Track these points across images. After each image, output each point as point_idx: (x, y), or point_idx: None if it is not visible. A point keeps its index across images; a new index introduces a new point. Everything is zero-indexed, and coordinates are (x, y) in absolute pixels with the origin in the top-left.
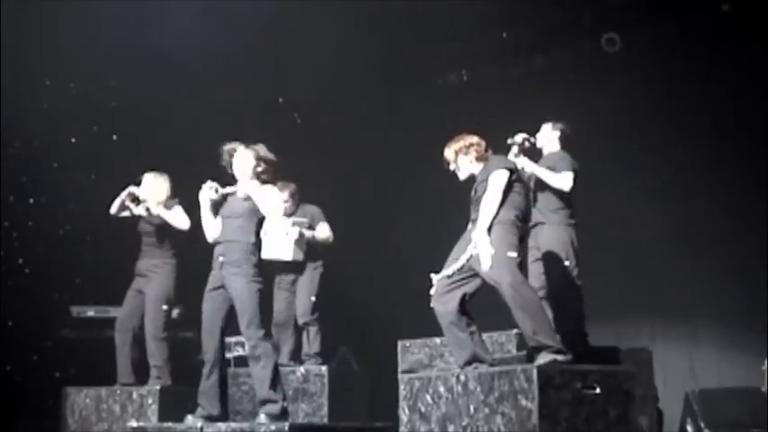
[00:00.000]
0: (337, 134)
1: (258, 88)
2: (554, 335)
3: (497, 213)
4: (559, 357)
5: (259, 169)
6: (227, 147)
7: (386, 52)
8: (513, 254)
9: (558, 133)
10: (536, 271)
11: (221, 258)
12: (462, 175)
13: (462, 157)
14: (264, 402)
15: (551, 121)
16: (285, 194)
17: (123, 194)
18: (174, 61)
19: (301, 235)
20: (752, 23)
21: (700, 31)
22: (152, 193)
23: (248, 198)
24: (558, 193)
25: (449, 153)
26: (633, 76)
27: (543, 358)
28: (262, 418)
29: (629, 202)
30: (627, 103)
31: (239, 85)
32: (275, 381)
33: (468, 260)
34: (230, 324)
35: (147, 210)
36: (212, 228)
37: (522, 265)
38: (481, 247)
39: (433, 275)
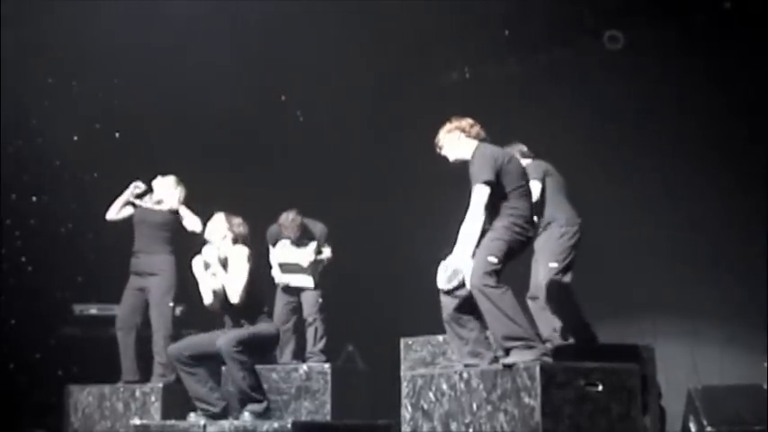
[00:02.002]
0: (338, 132)
1: (260, 86)
2: (525, 329)
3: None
4: (532, 353)
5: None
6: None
7: (388, 50)
8: (493, 259)
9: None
10: (533, 271)
11: None
12: (451, 158)
13: (452, 139)
14: (246, 402)
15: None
16: (293, 228)
17: (128, 192)
18: (177, 59)
19: (317, 263)
20: (754, 20)
21: (702, 29)
22: (167, 196)
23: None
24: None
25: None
26: (635, 74)
27: (516, 355)
28: (246, 416)
29: (630, 201)
30: (629, 101)
31: (241, 82)
32: (257, 380)
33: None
34: None
35: (160, 202)
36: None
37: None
38: (464, 270)
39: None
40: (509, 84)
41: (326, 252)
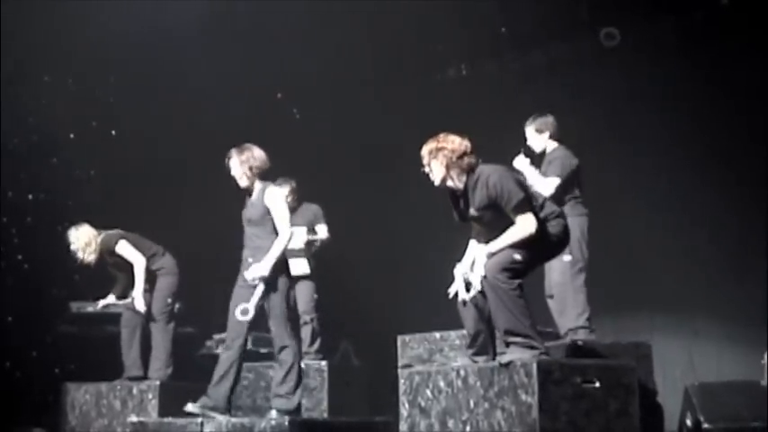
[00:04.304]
0: (336, 130)
1: (257, 84)
2: (527, 328)
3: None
4: (530, 353)
5: (252, 170)
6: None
7: (384, 47)
8: (518, 257)
9: (547, 133)
10: (547, 268)
11: (250, 260)
12: (437, 182)
13: (452, 167)
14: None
15: (533, 122)
16: (285, 190)
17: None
18: (173, 57)
19: (310, 244)
20: (752, 17)
21: (699, 26)
22: (85, 246)
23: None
24: (564, 184)
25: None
26: (632, 71)
27: (514, 353)
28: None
29: (628, 198)
30: (626, 98)
31: (238, 80)
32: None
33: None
34: None
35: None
36: None
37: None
38: (477, 268)
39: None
40: (506, 81)
41: (322, 231)
